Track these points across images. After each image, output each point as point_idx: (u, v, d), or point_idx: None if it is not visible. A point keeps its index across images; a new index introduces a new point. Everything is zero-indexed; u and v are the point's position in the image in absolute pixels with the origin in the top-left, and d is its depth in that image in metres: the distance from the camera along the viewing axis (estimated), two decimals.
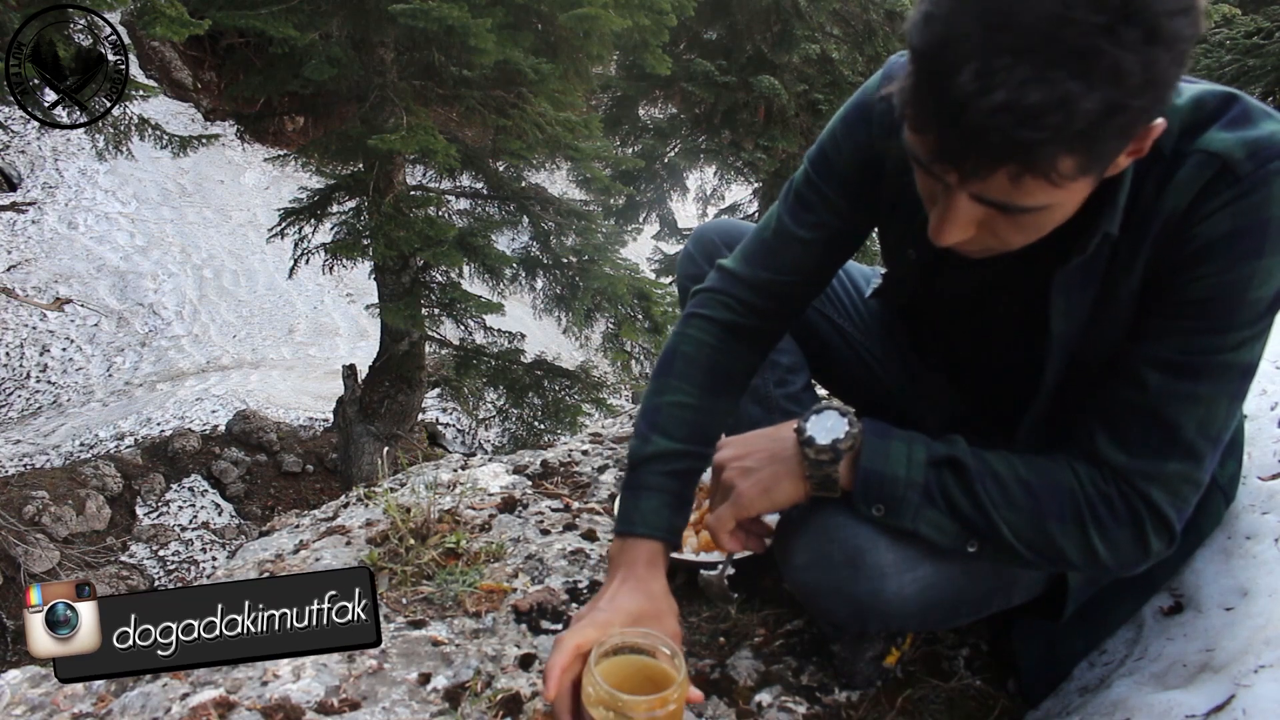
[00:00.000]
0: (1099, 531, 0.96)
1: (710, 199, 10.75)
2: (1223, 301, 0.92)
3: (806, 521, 1.10)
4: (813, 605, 1.13)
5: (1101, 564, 0.98)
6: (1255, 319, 0.93)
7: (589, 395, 7.14)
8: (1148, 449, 0.96)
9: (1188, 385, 0.94)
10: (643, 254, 10.04)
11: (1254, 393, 1.44)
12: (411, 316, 6.13)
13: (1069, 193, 0.84)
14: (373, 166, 5.95)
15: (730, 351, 1.24)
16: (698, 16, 8.34)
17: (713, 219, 2.71)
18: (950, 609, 1.11)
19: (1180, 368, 0.94)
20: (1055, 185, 0.81)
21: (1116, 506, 0.96)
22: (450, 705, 1.20)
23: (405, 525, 1.60)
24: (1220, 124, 0.92)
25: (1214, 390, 0.94)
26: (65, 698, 1.22)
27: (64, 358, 9.30)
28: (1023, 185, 0.82)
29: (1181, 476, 0.96)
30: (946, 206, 0.88)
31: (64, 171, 11.35)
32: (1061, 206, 0.87)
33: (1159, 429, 0.95)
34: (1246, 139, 0.90)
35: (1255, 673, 0.98)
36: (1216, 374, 0.94)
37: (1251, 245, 0.90)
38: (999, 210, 0.86)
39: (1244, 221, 0.89)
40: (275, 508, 7.42)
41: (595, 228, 6.78)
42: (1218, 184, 0.90)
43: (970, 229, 0.89)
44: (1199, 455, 0.95)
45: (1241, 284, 0.91)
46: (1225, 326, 0.93)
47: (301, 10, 5.25)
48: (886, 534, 1.03)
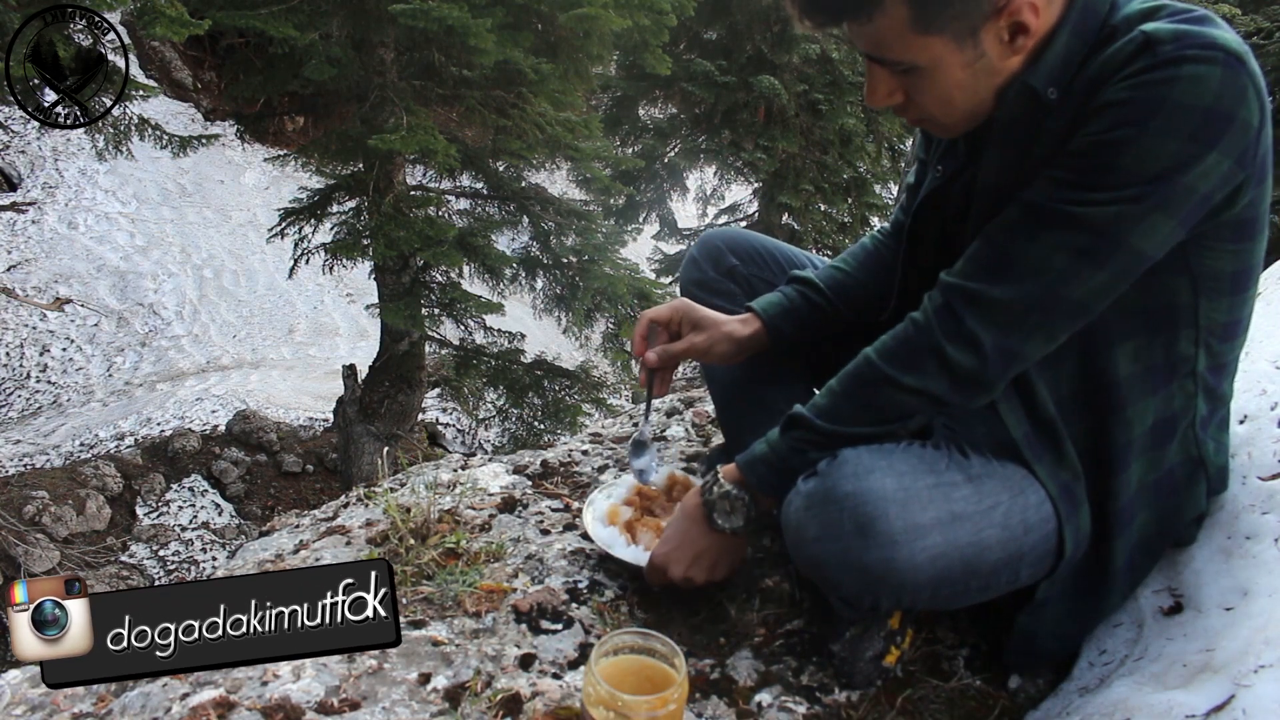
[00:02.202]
0: (930, 354, 1.09)
1: (710, 199, 10.75)
2: (1092, 158, 0.99)
3: (813, 495, 1.11)
4: (824, 580, 1.14)
5: (943, 380, 1.09)
6: (1119, 186, 0.97)
7: (589, 395, 7.14)
8: (977, 272, 1.07)
9: (1035, 227, 1.03)
10: (643, 254, 10.04)
11: (1254, 392, 1.44)
12: (411, 316, 6.13)
13: (931, 52, 1.02)
14: (373, 166, 5.95)
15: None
16: (698, 16, 8.35)
17: (720, 226, 2.88)
18: (960, 583, 1.11)
19: (1036, 210, 1.03)
20: (904, 39, 1.01)
21: (932, 322, 1.10)
22: (450, 705, 1.20)
23: (405, 525, 1.60)
24: (1175, 17, 0.99)
25: (1059, 240, 1.01)
26: (65, 698, 1.22)
27: (64, 358, 9.31)
28: (880, 39, 1.03)
29: (1002, 305, 1.05)
30: (866, 73, 1.11)
31: (64, 171, 11.36)
32: (939, 69, 1.04)
33: (994, 256, 1.06)
34: (1181, 29, 0.96)
35: (1255, 673, 0.98)
36: (1065, 224, 1.01)
37: (1137, 114, 0.95)
38: (888, 69, 1.06)
39: (1141, 93, 0.95)
40: (275, 508, 7.42)
41: (595, 228, 6.78)
42: (1136, 57, 0.96)
43: (892, 93, 1.10)
44: (1027, 294, 1.03)
45: (1114, 147, 0.97)
46: (1089, 184, 0.99)
47: (301, 10, 5.26)
48: (895, 503, 1.06)
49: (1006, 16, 1.00)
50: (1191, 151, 0.95)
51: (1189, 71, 0.93)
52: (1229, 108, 0.94)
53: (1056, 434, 1.15)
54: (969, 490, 1.11)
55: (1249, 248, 1.09)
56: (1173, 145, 0.95)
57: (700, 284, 1.60)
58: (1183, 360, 1.14)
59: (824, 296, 1.47)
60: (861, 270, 1.50)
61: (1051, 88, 1.04)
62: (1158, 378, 1.14)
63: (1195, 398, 1.17)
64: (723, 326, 1.46)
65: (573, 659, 1.32)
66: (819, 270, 1.52)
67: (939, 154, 1.29)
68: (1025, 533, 1.13)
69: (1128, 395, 1.13)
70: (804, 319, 1.47)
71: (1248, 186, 1.02)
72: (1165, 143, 0.95)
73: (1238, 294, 1.13)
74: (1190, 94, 0.94)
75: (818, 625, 1.37)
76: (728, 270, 1.59)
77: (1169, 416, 1.16)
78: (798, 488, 1.15)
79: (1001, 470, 1.15)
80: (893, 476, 1.08)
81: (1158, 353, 1.13)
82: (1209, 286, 1.10)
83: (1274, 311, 1.83)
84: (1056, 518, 1.15)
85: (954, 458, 1.14)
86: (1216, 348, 1.16)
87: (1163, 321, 1.11)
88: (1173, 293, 1.09)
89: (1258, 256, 1.12)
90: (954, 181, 1.26)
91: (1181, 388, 1.16)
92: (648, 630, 1.07)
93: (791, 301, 1.48)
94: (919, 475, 1.10)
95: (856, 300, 1.48)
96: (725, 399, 1.62)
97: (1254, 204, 1.05)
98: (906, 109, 1.12)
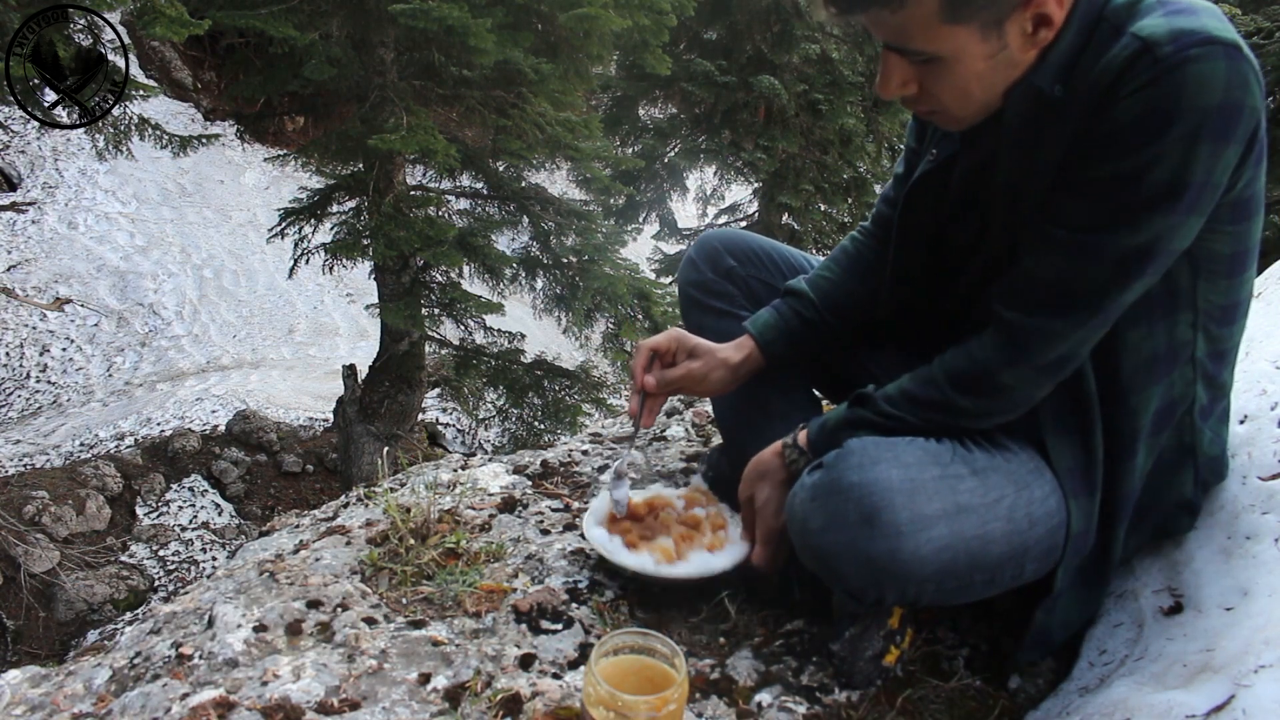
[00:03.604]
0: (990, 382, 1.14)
1: (710, 199, 10.75)
2: (1123, 184, 1.01)
3: (818, 486, 1.11)
4: (829, 572, 1.14)
5: (1000, 402, 1.15)
6: (1154, 203, 1.00)
7: (589, 395, 7.14)
8: (1033, 307, 1.10)
9: (1081, 260, 1.05)
10: (643, 254, 10.03)
11: (1254, 392, 1.44)
12: (411, 316, 6.13)
13: (955, 42, 1.01)
14: (373, 166, 5.95)
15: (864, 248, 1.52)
16: (698, 16, 8.35)
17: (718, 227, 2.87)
18: (965, 576, 1.11)
19: (1080, 244, 1.05)
20: (931, 28, 1.00)
21: (993, 355, 1.14)
22: (450, 705, 1.20)
23: (405, 525, 1.60)
24: (1162, 11, 0.99)
25: (1106, 271, 1.05)
26: (65, 698, 1.22)
27: (64, 358, 9.31)
28: (906, 28, 1.02)
29: (1060, 335, 1.09)
30: (881, 62, 1.10)
31: (64, 171, 11.35)
32: (961, 61, 1.03)
33: (1046, 291, 1.09)
34: (1175, 25, 0.96)
35: (1255, 673, 0.98)
36: (1109, 253, 1.04)
37: (1154, 128, 0.97)
38: (907, 58, 1.06)
39: (1153, 106, 0.96)
40: (275, 508, 7.42)
41: (595, 228, 6.78)
42: (1137, 64, 0.97)
43: (906, 84, 1.09)
44: (1081, 321, 1.08)
45: (1141, 168, 0.99)
46: (1127, 209, 1.02)
47: (301, 10, 5.26)
48: (901, 493, 1.07)
49: (1033, 8, 1.01)
50: (1212, 150, 0.97)
51: (1194, 72, 0.94)
52: (1238, 99, 0.96)
53: (1089, 410, 1.16)
54: (974, 483, 1.12)
55: (1246, 228, 1.11)
56: (1195, 149, 0.96)
57: (698, 285, 1.60)
58: (1182, 345, 1.15)
59: (815, 310, 1.48)
60: (847, 276, 1.50)
61: (1057, 84, 1.05)
62: (1160, 365, 1.15)
63: (1194, 384, 1.18)
64: (718, 354, 1.46)
65: (573, 659, 1.32)
66: (809, 279, 1.51)
67: (934, 140, 1.29)
68: (1030, 526, 1.13)
69: (1130, 384, 1.15)
70: (798, 337, 1.48)
71: (1247, 165, 1.04)
72: (1188, 149, 0.96)
73: (1235, 276, 1.14)
74: (1201, 95, 0.95)
75: (818, 625, 1.37)
76: (725, 271, 1.59)
77: (1169, 403, 1.18)
78: (803, 480, 1.15)
79: (1006, 465, 1.15)
80: (899, 468, 1.09)
81: (1160, 339, 1.14)
82: (1207, 268, 1.12)
83: (1274, 311, 1.83)
84: (1063, 512, 1.16)
85: (959, 451, 1.15)
86: (1215, 332, 1.17)
87: (1164, 306, 1.12)
88: (1173, 277, 1.10)
89: (1254, 238, 1.13)
90: (948, 169, 1.27)
91: (1181, 374, 1.17)
92: (648, 630, 1.07)
93: (786, 320, 1.48)
94: (925, 467, 1.11)
95: (844, 309, 1.49)
96: (724, 401, 1.62)
97: (1251, 183, 1.07)
98: (919, 100, 1.11)
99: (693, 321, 1.62)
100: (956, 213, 1.29)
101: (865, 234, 1.52)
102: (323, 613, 1.37)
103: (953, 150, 1.25)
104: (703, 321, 1.59)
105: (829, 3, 1.05)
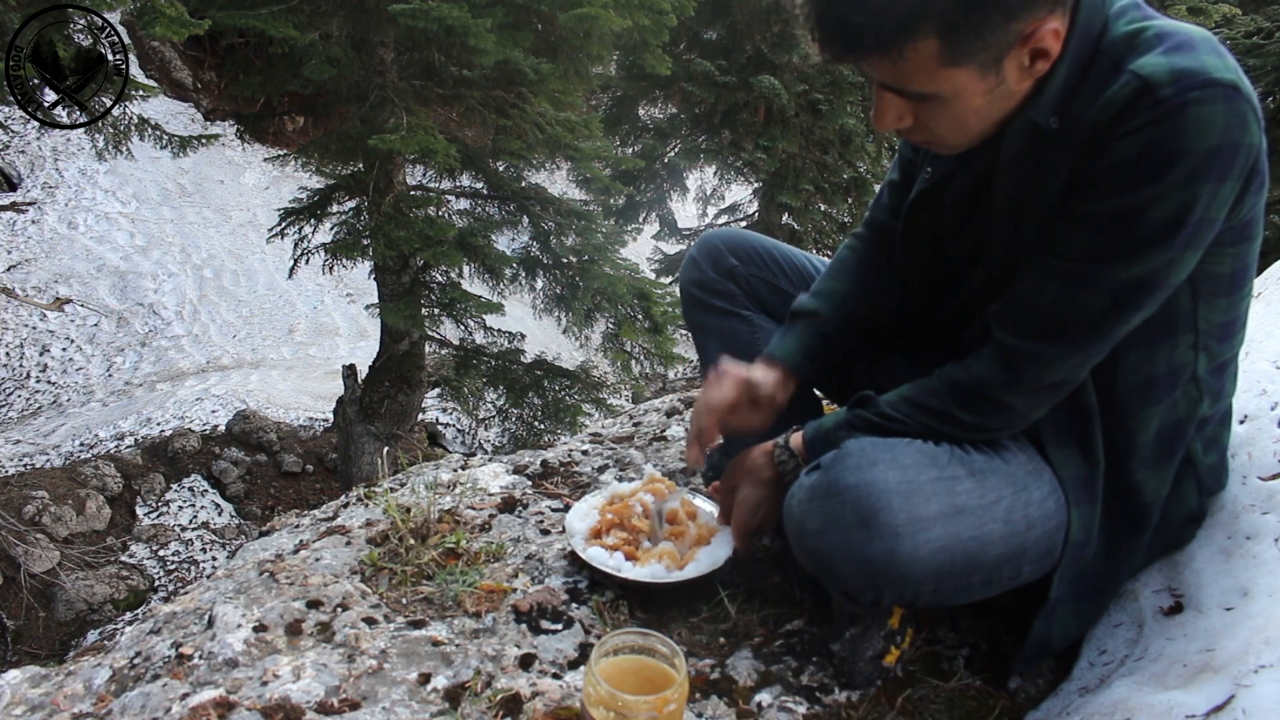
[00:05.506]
0: (989, 402, 1.16)
1: (710, 199, 10.75)
2: (1120, 222, 1.01)
3: (816, 487, 1.12)
4: (826, 573, 1.14)
5: (998, 419, 1.16)
6: (1151, 241, 1.01)
7: (589, 395, 7.13)
8: (1032, 333, 1.11)
9: (1080, 292, 1.06)
10: (643, 254, 10.03)
11: (1254, 392, 1.44)
12: (411, 316, 6.13)
13: (954, 82, 1.01)
14: (373, 166, 5.95)
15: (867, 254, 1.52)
16: (698, 16, 8.35)
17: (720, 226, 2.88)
18: (962, 577, 1.12)
19: (1079, 275, 1.06)
20: (929, 72, 1.00)
21: (992, 377, 1.15)
22: (450, 705, 1.20)
23: (405, 525, 1.60)
24: (1162, 49, 0.99)
25: (1104, 301, 1.06)
26: (65, 698, 1.22)
27: (64, 358, 9.30)
28: (905, 73, 1.01)
29: (1058, 361, 1.10)
30: (875, 98, 1.10)
31: (64, 171, 11.35)
32: (960, 98, 1.03)
33: (1044, 319, 1.10)
34: (1175, 65, 0.96)
35: (1255, 673, 0.98)
36: (1108, 285, 1.05)
37: (1152, 170, 0.97)
38: (905, 97, 1.06)
39: (1153, 148, 0.96)
40: (275, 508, 7.42)
41: (595, 228, 6.77)
42: (1137, 104, 0.97)
43: (901, 118, 1.09)
44: (1080, 347, 1.09)
45: (1138, 207, 0.99)
46: (1124, 246, 1.02)
47: (301, 10, 5.25)
48: (898, 495, 1.07)
49: (1031, 43, 1.00)
50: (1210, 189, 0.98)
51: (1194, 116, 0.94)
52: (1235, 139, 0.96)
53: (1089, 421, 1.17)
54: (971, 484, 1.12)
55: (1247, 248, 1.11)
56: (1194, 189, 0.97)
57: (700, 284, 1.60)
58: (1182, 367, 1.15)
59: (833, 326, 1.46)
60: (854, 285, 1.48)
61: (1053, 117, 1.05)
62: (1159, 387, 1.15)
63: (1200, 403, 1.18)
64: (776, 400, 1.43)
65: (573, 659, 1.32)
66: (819, 293, 1.49)
67: (929, 155, 1.29)
68: (1028, 528, 1.14)
69: (1126, 404, 1.15)
70: (820, 355, 1.46)
71: (1248, 195, 1.04)
72: (1185, 190, 0.97)
73: (1234, 293, 1.14)
74: (1200, 138, 0.95)
75: (818, 625, 1.37)
76: (727, 270, 1.59)
77: (1176, 422, 1.18)
78: (800, 481, 1.16)
79: (1004, 466, 1.16)
80: (896, 469, 1.09)
81: (1160, 362, 1.14)
82: (1208, 290, 1.12)
83: (1274, 311, 1.83)
84: (1063, 513, 1.16)
85: (956, 452, 1.15)
86: (1215, 349, 1.17)
87: (1164, 329, 1.13)
88: (1174, 300, 1.10)
89: (1254, 255, 1.14)
90: (944, 187, 1.26)
91: (1185, 394, 1.17)
92: (648, 630, 1.07)
93: (808, 344, 1.45)
94: (922, 468, 1.11)
95: (854, 319, 1.48)
96: None
97: (1252, 207, 1.08)
98: (914, 131, 1.12)
99: (694, 321, 1.62)
100: (954, 229, 1.29)
101: (861, 240, 1.51)
102: (323, 613, 1.37)
103: (948, 169, 1.25)
104: (704, 321, 1.60)
105: (824, 49, 1.04)
